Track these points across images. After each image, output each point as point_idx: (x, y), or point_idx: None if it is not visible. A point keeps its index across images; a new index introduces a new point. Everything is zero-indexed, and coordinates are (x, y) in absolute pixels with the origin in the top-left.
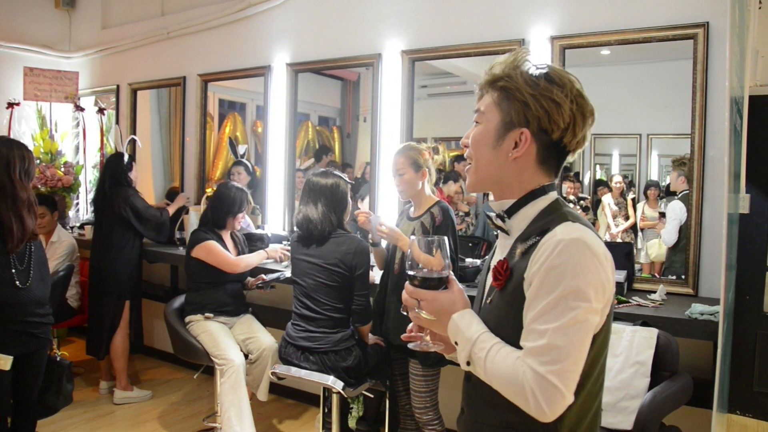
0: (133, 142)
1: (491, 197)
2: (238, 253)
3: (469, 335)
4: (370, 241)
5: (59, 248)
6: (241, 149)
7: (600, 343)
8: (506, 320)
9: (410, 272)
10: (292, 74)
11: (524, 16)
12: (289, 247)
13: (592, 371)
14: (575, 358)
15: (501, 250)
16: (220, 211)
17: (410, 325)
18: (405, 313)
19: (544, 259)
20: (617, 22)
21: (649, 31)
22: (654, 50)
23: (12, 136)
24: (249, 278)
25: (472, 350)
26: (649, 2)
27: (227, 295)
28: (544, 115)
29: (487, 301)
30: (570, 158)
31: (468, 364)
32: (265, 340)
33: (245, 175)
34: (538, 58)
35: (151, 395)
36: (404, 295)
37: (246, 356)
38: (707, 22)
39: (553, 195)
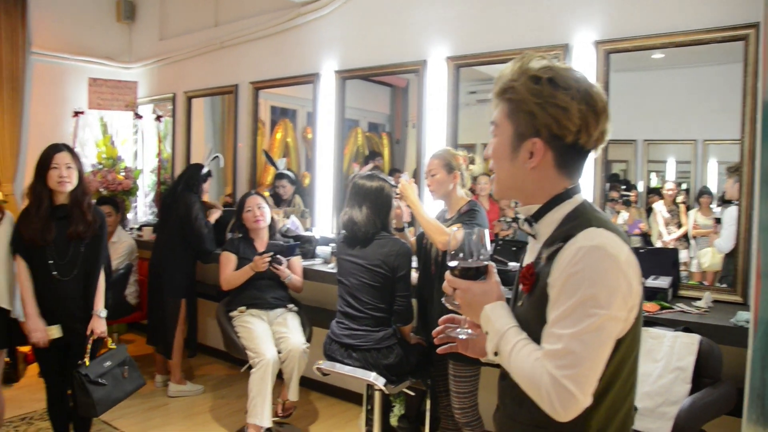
0: (216, 159)
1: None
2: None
3: (498, 327)
4: (394, 225)
5: (119, 248)
6: (280, 163)
7: (627, 347)
8: (533, 323)
9: (451, 263)
10: (340, 81)
11: (568, 21)
12: (267, 256)
13: (618, 374)
14: (591, 363)
15: (530, 254)
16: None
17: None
18: (444, 301)
19: (564, 266)
20: (663, 25)
21: (697, 33)
22: (710, 53)
23: (77, 143)
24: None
25: (499, 342)
26: (696, 3)
27: (258, 290)
28: (552, 122)
29: (518, 304)
30: (593, 154)
31: (495, 354)
32: (294, 340)
33: (289, 186)
34: (541, 61)
35: (203, 389)
36: (445, 283)
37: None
38: (758, 23)
39: (578, 198)
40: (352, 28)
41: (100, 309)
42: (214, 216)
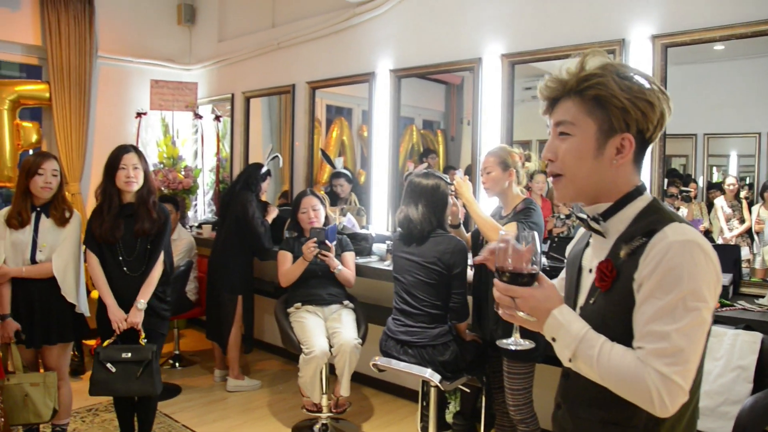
0: (276, 159)
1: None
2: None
3: (574, 332)
4: (450, 222)
5: (180, 245)
6: (338, 162)
7: (706, 339)
8: (612, 320)
9: (499, 267)
10: (395, 80)
11: (624, 16)
12: (311, 242)
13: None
14: (696, 357)
15: (597, 252)
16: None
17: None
18: (497, 311)
19: (658, 261)
20: (722, 17)
21: (758, 24)
22: None
23: (140, 143)
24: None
25: (578, 347)
26: None
27: (313, 287)
28: (641, 117)
29: (590, 302)
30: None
31: (570, 360)
32: (347, 335)
33: (347, 185)
34: (609, 58)
35: (260, 385)
36: (496, 292)
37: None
38: None
39: (648, 195)
40: (407, 27)
41: (141, 301)
42: (272, 215)
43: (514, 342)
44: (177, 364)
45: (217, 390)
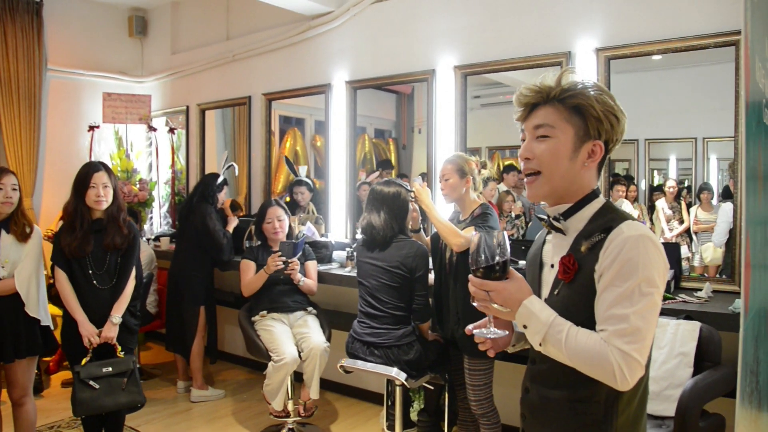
0: (231, 167)
1: (543, 203)
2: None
3: (544, 319)
4: (410, 227)
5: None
6: (302, 170)
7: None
8: (576, 307)
9: (473, 265)
10: (351, 91)
11: (570, 30)
12: (277, 257)
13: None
14: (650, 335)
15: (557, 248)
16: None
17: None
18: (474, 305)
19: (616, 254)
20: (660, 32)
21: (692, 39)
22: (707, 54)
23: (93, 157)
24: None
25: (548, 332)
26: (690, 12)
27: (276, 294)
28: (610, 128)
29: (555, 293)
30: None
31: (540, 344)
32: (316, 339)
33: (308, 193)
34: (584, 75)
35: (224, 394)
36: (471, 287)
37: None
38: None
39: (602, 198)
40: (362, 40)
41: (116, 315)
42: (232, 225)
43: (490, 332)
44: (139, 378)
45: (181, 401)
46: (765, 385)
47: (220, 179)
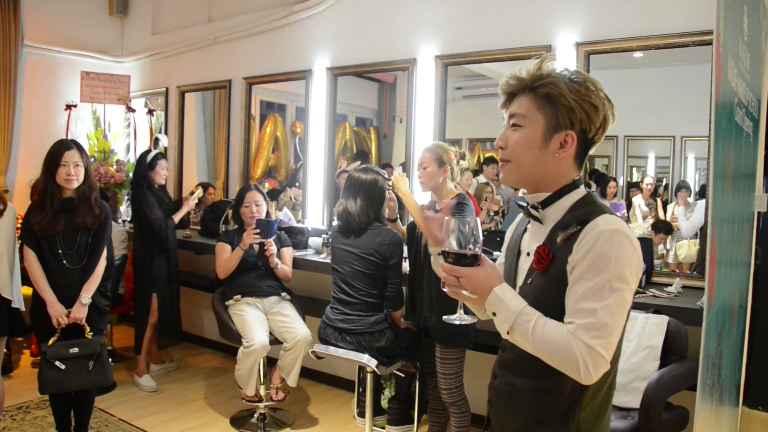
0: (156, 141)
1: (522, 190)
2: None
3: (512, 307)
4: (387, 216)
5: (114, 238)
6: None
7: (626, 319)
8: (547, 298)
9: (445, 250)
10: (332, 77)
11: (550, 24)
12: (253, 230)
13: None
14: (617, 332)
15: (534, 237)
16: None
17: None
18: (444, 290)
19: (590, 247)
20: (640, 28)
21: (671, 37)
22: (687, 53)
23: (69, 136)
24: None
25: (516, 320)
26: (669, 10)
27: (251, 278)
28: (585, 117)
29: (528, 282)
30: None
31: (507, 333)
32: (301, 331)
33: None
34: (566, 64)
35: (175, 366)
36: (442, 273)
37: (281, 343)
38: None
39: (583, 189)
40: (344, 26)
41: (85, 296)
42: (180, 214)
43: (459, 317)
44: (110, 360)
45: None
46: (727, 379)
47: (150, 156)
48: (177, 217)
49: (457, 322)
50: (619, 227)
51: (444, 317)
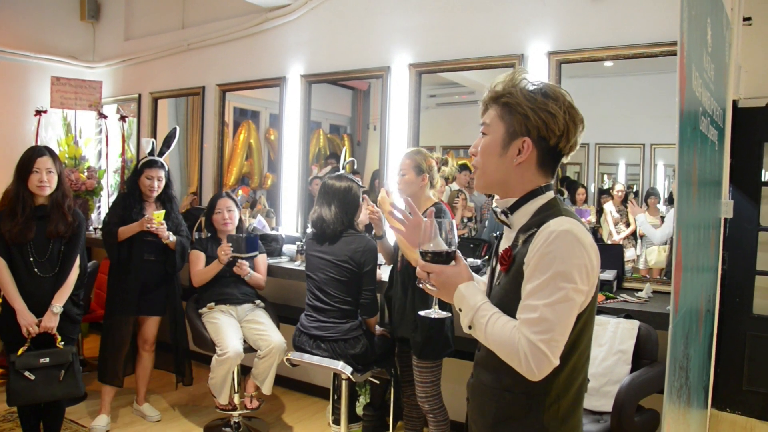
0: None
1: (496, 196)
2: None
3: (472, 303)
4: (374, 234)
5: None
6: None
7: (584, 321)
8: (509, 297)
9: (422, 248)
10: (306, 85)
11: (523, 33)
12: (227, 247)
13: (577, 345)
14: (561, 329)
15: (505, 240)
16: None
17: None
18: (420, 285)
19: (539, 247)
20: (610, 39)
21: (640, 47)
22: (656, 62)
23: (39, 142)
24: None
25: (474, 316)
26: (638, 21)
27: (225, 286)
28: (542, 125)
29: (497, 283)
30: (564, 160)
31: (470, 328)
32: (275, 338)
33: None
34: (534, 76)
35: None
36: (418, 269)
37: (255, 350)
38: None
39: (550, 194)
40: (319, 34)
41: (56, 305)
42: (127, 230)
43: (435, 312)
44: (81, 369)
45: (125, 394)
46: (695, 381)
47: (141, 162)
48: (123, 230)
49: (434, 316)
50: (568, 227)
51: (420, 312)
